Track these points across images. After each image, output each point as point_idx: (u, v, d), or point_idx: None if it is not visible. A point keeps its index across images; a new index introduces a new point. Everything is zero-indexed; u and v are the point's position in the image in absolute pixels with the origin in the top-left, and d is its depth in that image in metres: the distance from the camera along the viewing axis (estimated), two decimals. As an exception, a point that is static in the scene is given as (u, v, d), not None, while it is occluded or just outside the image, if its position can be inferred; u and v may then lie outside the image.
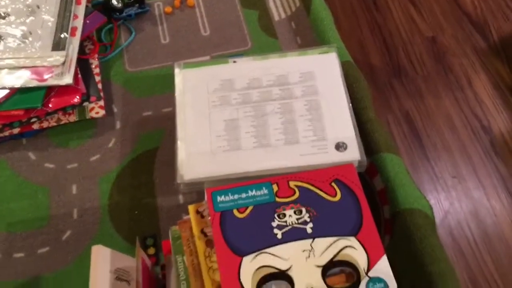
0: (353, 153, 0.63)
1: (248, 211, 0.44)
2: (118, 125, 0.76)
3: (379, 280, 0.41)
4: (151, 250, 0.65)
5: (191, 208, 0.47)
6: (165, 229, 0.67)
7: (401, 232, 0.62)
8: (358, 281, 0.41)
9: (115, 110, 0.77)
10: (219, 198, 0.45)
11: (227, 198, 0.45)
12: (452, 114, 1.15)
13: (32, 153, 0.74)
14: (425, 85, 1.21)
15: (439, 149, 1.10)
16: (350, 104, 0.68)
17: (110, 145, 0.74)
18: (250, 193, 0.45)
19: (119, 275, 0.50)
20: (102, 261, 0.49)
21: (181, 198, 0.69)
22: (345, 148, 0.63)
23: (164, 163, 0.72)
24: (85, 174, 0.71)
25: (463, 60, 1.25)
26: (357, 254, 0.42)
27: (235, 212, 0.44)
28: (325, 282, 0.41)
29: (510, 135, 1.09)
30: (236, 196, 0.45)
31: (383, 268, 0.41)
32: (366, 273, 0.41)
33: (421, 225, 0.61)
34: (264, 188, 0.46)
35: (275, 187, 0.46)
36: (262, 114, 0.66)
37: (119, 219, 0.67)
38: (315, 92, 0.68)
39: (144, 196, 0.70)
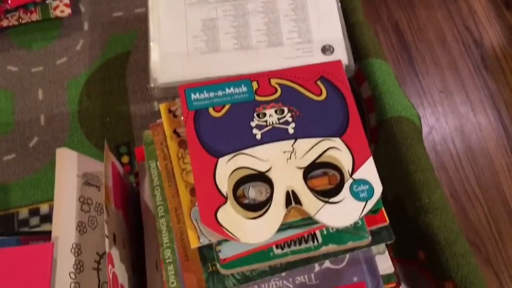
0: (341, 57, 0.59)
1: (225, 109, 0.40)
2: (86, 26, 0.69)
3: (364, 182, 0.38)
4: (125, 159, 0.62)
5: (162, 107, 0.43)
6: (139, 137, 0.63)
7: (387, 140, 0.59)
8: (342, 183, 0.38)
9: (83, 9, 0.71)
10: (193, 96, 0.41)
11: (202, 96, 0.41)
12: (444, 27, 1.10)
13: (-7, 55, 0.68)
14: (417, -5, 1.14)
15: (428, 62, 1.06)
16: (339, 4, 0.62)
17: (78, 47, 0.68)
18: (228, 91, 0.41)
19: (88, 180, 0.47)
20: (68, 165, 0.46)
21: (155, 105, 0.65)
22: (332, 52, 0.58)
23: (137, 68, 0.66)
24: (51, 78, 0.66)
25: (458, -31, 1.18)
26: (342, 156, 0.39)
27: (211, 110, 0.40)
28: (306, 184, 0.38)
29: (502, 50, 1.05)
30: (212, 94, 0.41)
31: (369, 170, 0.38)
32: (351, 175, 0.38)
33: (408, 133, 0.59)
34: (243, 85, 0.41)
35: (255, 85, 0.42)
36: (243, 13, 0.61)
37: (90, 126, 0.63)
38: (301, -10, 0.62)
39: (116, 102, 0.65)
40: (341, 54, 0.59)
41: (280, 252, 0.40)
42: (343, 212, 0.37)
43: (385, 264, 0.46)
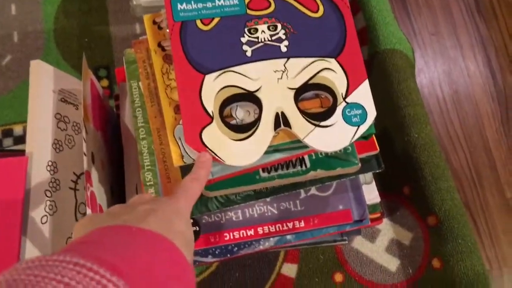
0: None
1: (214, 22, 0.38)
2: None
3: (357, 106, 0.36)
4: (104, 82, 0.59)
5: (146, 18, 0.40)
6: (120, 61, 0.60)
7: (379, 73, 0.58)
8: (334, 107, 0.36)
9: None
10: (179, 6, 0.38)
11: (189, 7, 0.38)
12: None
13: (-39, -36, 0.62)
14: None
15: (421, 4, 1.03)
16: None
17: (55, -40, 0.63)
18: (217, 3, 0.38)
19: (65, 97, 0.44)
20: (44, 79, 0.43)
21: (138, 27, 0.61)
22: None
23: (119, -14, 0.62)
24: (26, -7, 0.61)
25: None
26: (336, 78, 0.37)
27: (198, 23, 0.37)
28: (297, 106, 0.36)
29: (497, -7, 1.03)
30: (200, 5, 0.38)
31: (363, 94, 0.37)
32: (344, 99, 0.36)
33: (401, 66, 0.57)
34: (234, -3, 0.38)
35: (246, -2, 0.39)
36: None
37: (67, 46, 0.60)
38: None
39: (96, 22, 0.61)
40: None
41: (267, 176, 0.39)
42: (334, 136, 0.35)
43: (371, 194, 0.45)
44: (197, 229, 0.41)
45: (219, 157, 0.34)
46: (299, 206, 0.42)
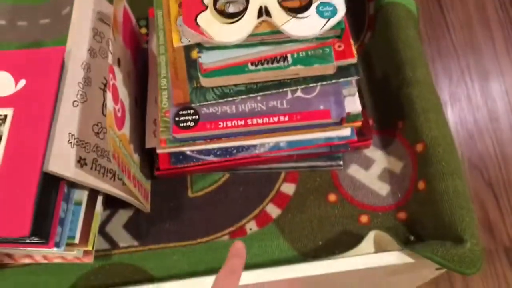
0: None
1: None
2: None
3: (329, 4, 0.43)
4: (143, 30, 0.69)
5: None
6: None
7: (382, 23, 0.64)
8: (310, 4, 0.43)
9: None
10: None
11: None
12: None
13: None
14: None
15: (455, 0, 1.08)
16: None
17: None
18: None
19: (102, 17, 0.54)
20: (85, 1, 0.53)
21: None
22: None
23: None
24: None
25: None
26: (314, -17, 0.44)
27: None
28: (278, 2, 0.43)
29: (532, -10, 1.05)
30: None
31: (336, -4, 0.43)
32: (319, -2, 0.43)
33: (401, 16, 0.62)
34: None
35: None
36: None
37: (116, 0, 0.70)
38: None
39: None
40: None
41: (254, 68, 0.46)
42: (307, 25, 0.42)
43: (353, 104, 0.51)
44: (197, 117, 0.49)
45: (209, 35, 0.42)
46: (285, 105, 0.49)
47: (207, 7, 0.43)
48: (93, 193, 0.54)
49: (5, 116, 0.46)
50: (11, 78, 0.48)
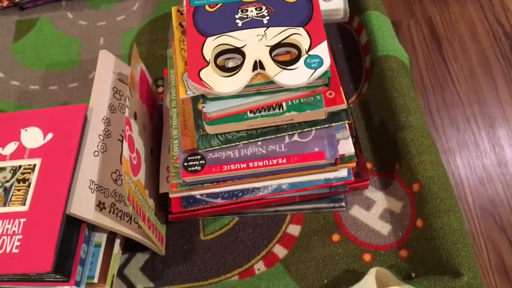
0: (338, 3, 0.70)
1: (217, 7, 0.53)
2: (143, -8, 0.86)
3: (316, 57, 0.49)
4: (160, 89, 0.76)
5: (174, 8, 0.57)
6: (174, 74, 0.77)
7: (377, 75, 0.69)
8: (299, 57, 0.49)
9: (142, -20, 0.88)
10: (195, -2, 0.54)
11: (201, -2, 0.54)
12: (475, 21, 1.17)
13: (69, 13, 0.86)
14: (452, -7, 1.22)
15: (457, 52, 1.13)
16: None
17: (135, 8, 0.85)
18: (221, -6, 0.54)
19: (121, 78, 0.61)
20: (107, 63, 0.60)
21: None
22: (331, -1, 0.69)
23: (178, 22, 0.81)
24: (111, 30, 0.83)
25: (496, -29, 1.25)
26: (302, 39, 0.50)
27: (207, 7, 0.53)
28: (271, 57, 0.49)
29: (532, 41, 1.10)
30: (209, -3, 0.54)
31: (322, 49, 0.49)
32: (307, 52, 0.49)
33: (394, 67, 0.68)
34: (233, -9, 0.54)
35: (243, -9, 0.54)
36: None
37: (136, 64, 0.78)
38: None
39: (159, 48, 0.80)
40: (339, 2, 0.70)
41: (253, 115, 0.52)
42: (296, 75, 0.48)
43: (347, 146, 0.55)
44: (204, 162, 0.54)
45: (211, 87, 0.48)
46: (283, 148, 0.54)
47: (209, 63, 0.49)
48: (112, 236, 0.58)
49: (34, 165, 0.52)
50: (40, 132, 0.54)
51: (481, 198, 0.95)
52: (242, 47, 0.50)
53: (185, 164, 0.54)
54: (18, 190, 0.51)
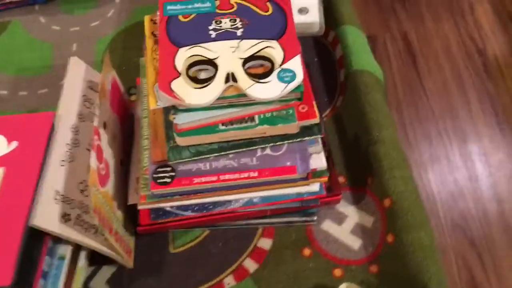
0: (313, 17, 0.70)
1: (191, 17, 0.53)
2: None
3: (289, 71, 0.48)
4: (134, 97, 0.75)
5: (146, 17, 0.56)
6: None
7: (351, 89, 0.69)
8: (272, 71, 0.49)
9: (117, -13, 0.87)
10: (168, 7, 0.53)
11: (175, 7, 0.53)
12: (450, 37, 1.19)
13: (42, 17, 0.85)
14: (427, 9, 1.24)
15: (432, 67, 1.15)
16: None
17: (109, 15, 0.84)
18: (196, 5, 0.53)
19: (92, 86, 0.60)
20: (77, 70, 0.59)
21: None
22: (307, 12, 0.70)
23: (153, 30, 0.80)
24: (85, 35, 0.82)
25: (470, -11, 1.28)
26: (276, 52, 0.50)
27: (180, 17, 0.53)
28: (244, 69, 0.49)
29: (504, 58, 1.12)
30: (183, 6, 0.53)
31: (295, 63, 0.49)
32: (280, 65, 0.49)
33: (368, 82, 0.68)
34: (208, 2, 0.54)
35: (217, 2, 0.54)
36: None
37: (109, 71, 0.77)
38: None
39: (133, 56, 0.79)
40: (314, 15, 0.70)
41: (224, 128, 0.51)
42: (269, 89, 0.48)
43: (319, 161, 0.55)
44: (174, 174, 0.53)
45: (182, 99, 0.47)
46: (255, 161, 0.53)
47: (180, 74, 0.49)
48: (77, 249, 0.57)
49: (-3, 174, 0.51)
50: (4, 140, 0.53)
51: (452, 213, 0.96)
52: (215, 58, 0.50)
53: (155, 175, 0.53)
54: (-21, 200, 0.49)
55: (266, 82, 0.48)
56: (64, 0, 0.87)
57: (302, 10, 0.71)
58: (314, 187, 0.57)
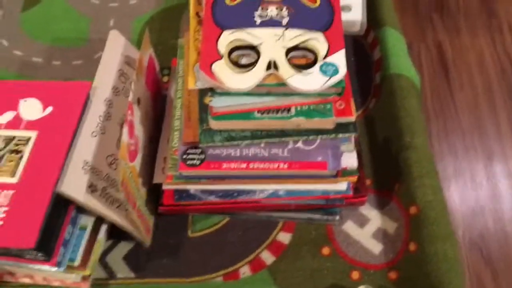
0: (356, 16, 0.69)
1: (237, 1, 0.52)
2: (158, -21, 0.85)
3: (332, 64, 0.48)
4: (165, 79, 0.74)
5: (192, -3, 0.55)
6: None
7: (387, 92, 0.68)
8: (314, 63, 0.48)
9: (159, -32, 0.87)
10: (215, -11, 0.53)
11: (222, -10, 0.53)
12: (485, 52, 1.17)
13: (82, -10, 0.85)
14: (465, 23, 1.22)
15: (464, 80, 1.13)
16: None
17: (149, -6, 0.83)
18: (244, -9, 0.53)
19: (129, 61, 0.60)
20: (117, 44, 0.59)
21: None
22: (350, 10, 0.69)
23: (191, 13, 0.80)
24: (123, 12, 0.82)
25: (511, 8, 1.25)
26: (320, 45, 0.49)
27: (227, 0, 0.52)
28: (286, 58, 0.48)
29: (539, 79, 1.10)
30: (231, -10, 0.53)
31: (339, 57, 0.48)
32: (323, 59, 0.48)
33: (404, 87, 0.67)
34: (255, -12, 0.53)
35: (265, -11, 0.53)
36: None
37: (144, 50, 0.77)
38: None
39: (170, 37, 0.79)
40: (357, 13, 0.69)
41: (260, 116, 0.50)
42: (310, 81, 0.47)
43: (350, 160, 0.54)
44: (204, 156, 0.52)
45: (222, 81, 0.47)
46: (286, 153, 0.53)
47: (222, 56, 0.48)
48: (99, 221, 0.57)
49: (29, 138, 0.51)
50: (40, 104, 0.53)
51: (471, 230, 0.94)
52: (258, 45, 0.49)
53: (184, 156, 0.52)
54: (10, 161, 0.49)
55: (308, 74, 0.47)
56: (105, -25, 0.87)
57: (345, 8, 0.70)
58: (342, 186, 0.56)
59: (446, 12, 1.25)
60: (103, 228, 0.57)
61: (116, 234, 0.59)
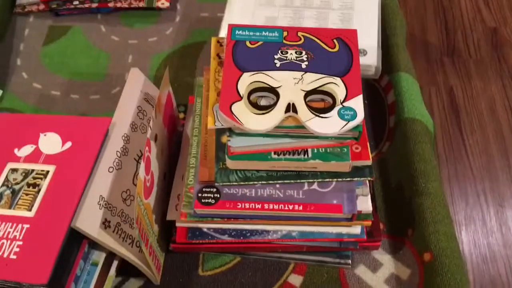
0: (371, 60, 0.70)
1: (258, 44, 0.53)
2: (177, 19, 0.87)
3: (350, 109, 0.48)
4: (181, 115, 0.75)
5: (213, 38, 0.57)
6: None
7: (400, 136, 0.68)
8: (333, 107, 0.49)
9: (178, 7, 0.89)
10: (237, 32, 0.54)
11: (243, 33, 0.54)
12: (496, 98, 1.18)
13: (103, 26, 0.87)
14: (476, 68, 1.24)
15: (475, 126, 1.13)
16: (380, 24, 0.75)
17: (167, 32, 0.86)
18: (264, 33, 0.54)
19: (147, 98, 0.61)
20: (136, 81, 0.60)
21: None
22: (365, 54, 0.70)
23: (208, 53, 0.81)
24: (141, 49, 0.83)
25: (521, 54, 1.27)
26: (338, 89, 0.50)
27: (247, 43, 0.53)
28: (305, 102, 0.49)
29: (550, 126, 1.10)
30: (251, 33, 0.54)
31: (357, 102, 0.49)
32: (341, 103, 0.49)
33: (418, 132, 0.67)
34: (276, 32, 0.54)
35: (285, 33, 0.55)
36: (299, 17, 0.75)
37: (161, 87, 0.78)
38: (351, 7, 0.75)
39: (186, 75, 0.81)
40: (372, 57, 0.70)
41: (277, 157, 0.51)
42: (328, 124, 0.47)
43: (365, 204, 0.54)
44: (219, 195, 0.53)
45: (241, 122, 0.47)
46: (301, 195, 0.53)
47: (242, 98, 0.49)
48: (110, 257, 0.56)
49: (48, 172, 0.51)
50: (60, 139, 0.53)
51: (482, 277, 0.93)
52: (278, 87, 0.50)
53: (199, 195, 0.53)
54: (26, 195, 0.50)
55: (326, 118, 0.48)
56: (126, 13, 0.89)
57: (361, 52, 0.71)
58: (356, 229, 0.56)
59: (457, 56, 1.27)
60: (114, 264, 0.56)
61: (126, 270, 0.58)
